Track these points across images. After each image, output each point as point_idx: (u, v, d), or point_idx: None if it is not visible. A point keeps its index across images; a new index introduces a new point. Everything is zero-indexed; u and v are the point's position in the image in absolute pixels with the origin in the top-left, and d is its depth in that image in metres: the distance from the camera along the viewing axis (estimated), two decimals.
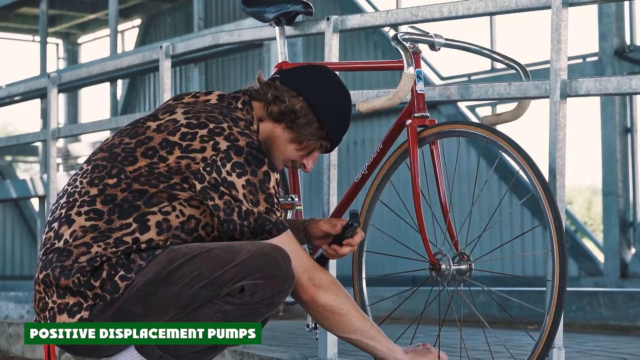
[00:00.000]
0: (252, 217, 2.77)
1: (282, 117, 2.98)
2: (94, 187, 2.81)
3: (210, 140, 2.79)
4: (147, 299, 2.73)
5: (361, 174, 3.60)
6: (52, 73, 6.19)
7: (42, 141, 7.53)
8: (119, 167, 2.81)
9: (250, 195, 2.76)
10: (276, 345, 4.68)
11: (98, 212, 2.77)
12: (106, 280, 2.72)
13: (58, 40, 23.56)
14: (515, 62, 3.54)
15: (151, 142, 2.83)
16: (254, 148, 2.79)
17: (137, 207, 2.77)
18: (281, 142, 3.01)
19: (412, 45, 3.40)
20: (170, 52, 5.07)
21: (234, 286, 2.71)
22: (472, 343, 4.53)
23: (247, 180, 2.76)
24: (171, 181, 2.78)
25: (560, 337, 3.22)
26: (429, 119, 3.39)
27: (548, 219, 3.00)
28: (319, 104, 3.00)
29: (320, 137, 3.03)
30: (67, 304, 2.74)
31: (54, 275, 2.74)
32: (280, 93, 2.99)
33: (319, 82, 3.05)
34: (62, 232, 2.78)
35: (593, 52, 12.52)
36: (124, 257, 2.74)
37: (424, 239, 3.29)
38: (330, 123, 3.03)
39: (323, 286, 2.84)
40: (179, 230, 2.79)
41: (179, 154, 2.79)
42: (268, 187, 2.79)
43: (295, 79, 3.05)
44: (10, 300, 8.34)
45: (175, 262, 2.73)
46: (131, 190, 2.78)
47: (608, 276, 11.71)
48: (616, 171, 11.89)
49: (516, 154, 3.11)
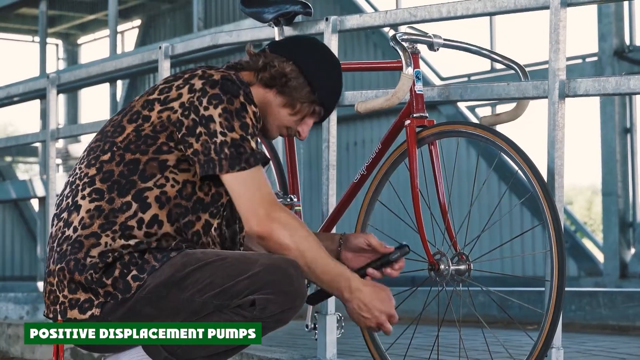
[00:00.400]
0: (226, 147, 2.74)
1: (273, 82, 2.97)
2: (91, 167, 2.82)
3: (185, 85, 2.81)
4: (159, 301, 2.73)
5: (360, 174, 3.60)
6: (51, 74, 6.20)
7: (41, 142, 7.54)
8: (110, 141, 2.83)
9: (226, 121, 2.75)
10: (275, 345, 4.68)
11: (99, 191, 2.78)
12: (118, 279, 2.72)
13: (58, 41, 23.60)
14: (514, 62, 3.55)
15: (134, 108, 2.87)
16: (229, 79, 2.80)
17: (134, 183, 2.77)
18: (274, 107, 2.99)
19: (411, 46, 3.40)
20: (170, 53, 5.07)
21: (245, 299, 2.71)
22: (471, 343, 4.53)
23: (224, 108, 2.76)
24: (158, 141, 2.78)
25: (559, 337, 3.22)
26: (427, 119, 3.40)
27: (547, 219, 3.01)
28: (308, 68, 2.99)
29: (313, 101, 3.00)
30: (79, 300, 2.74)
31: (69, 269, 2.74)
32: (270, 59, 2.98)
33: (308, 47, 3.05)
34: (72, 219, 2.79)
35: (593, 53, 12.53)
36: (137, 256, 2.74)
37: (423, 239, 3.29)
38: (321, 87, 3.00)
39: (280, 222, 2.76)
40: (178, 199, 2.78)
41: (159, 108, 2.81)
42: (244, 116, 2.78)
43: (284, 46, 3.05)
44: (10, 301, 8.33)
45: (188, 267, 2.73)
46: (125, 162, 2.79)
47: (608, 276, 11.72)
48: (616, 171, 11.90)
49: (515, 154, 3.11)
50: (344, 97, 4.02)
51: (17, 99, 15.28)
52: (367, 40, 14.98)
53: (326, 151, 4.00)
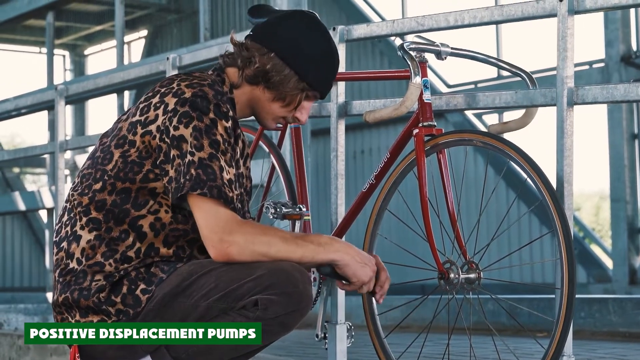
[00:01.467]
0: (193, 167, 2.67)
1: (257, 80, 2.89)
2: (84, 196, 2.80)
3: (161, 105, 2.75)
4: (166, 310, 2.73)
5: (369, 183, 3.60)
6: (59, 85, 6.21)
7: (49, 153, 7.54)
8: (101, 169, 2.80)
9: (195, 140, 2.68)
10: (285, 355, 4.68)
11: (95, 220, 2.77)
12: (127, 295, 2.72)
13: (65, 52, 23.62)
14: (521, 70, 3.54)
15: (121, 131, 2.81)
16: (198, 96, 2.72)
17: (127, 212, 2.75)
18: (264, 102, 2.93)
19: (419, 55, 3.40)
20: (177, 64, 5.08)
21: (248, 299, 2.69)
22: (481, 351, 4.53)
23: (194, 127, 2.69)
24: (144, 169, 2.74)
25: (570, 345, 3.21)
26: (436, 128, 3.40)
27: (556, 227, 3.00)
28: (292, 56, 2.88)
29: (303, 89, 2.91)
30: (92, 323, 2.74)
31: (73, 298, 2.74)
32: (251, 53, 2.89)
33: (289, 30, 2.92)
34: (72, 250, 2.78)
35: (599, 59, 12.53)
36: (143, 271, 2.75)
37: (432, 248, 3.29)
38: (309, 72, 2.90)
39: (235, 244, 2.68)
40: (173, 224, 2.77)
41: (141, 131, 2.76)
42: (215, 133, 2.70)
43: (267, 33, 2.92)
44: (20, 313, 8.33)
45: (194, 275, 2.72)
46: (116, 191, 2.76)
47: (617, 282, 11.70)
48: (624, 177, 11.89)
49: (524, 162, 3.11)
50: (351, 107, 4.02)
51: (25, 111, 15.30)
52: (374, 48, 14.98)
53: (334, 161, 4.00)
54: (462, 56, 3.57)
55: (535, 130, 22.37)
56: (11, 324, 8.14)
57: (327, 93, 3.01)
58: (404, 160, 3.48)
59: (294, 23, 2.95)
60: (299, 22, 2.95)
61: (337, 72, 3.01)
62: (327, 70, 2.96)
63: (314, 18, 3.00)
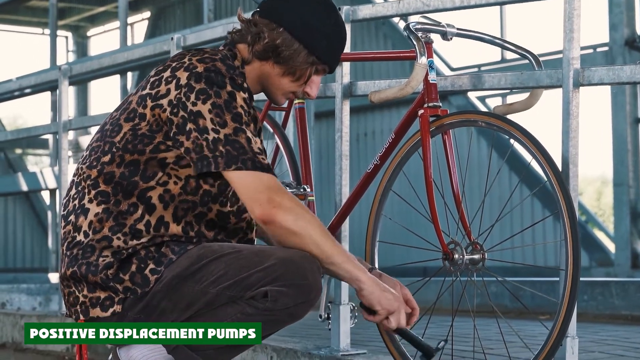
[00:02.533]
0: (221, 145, 2.66)
1: (267, 55, 2.86)
2: (93, 169, 2.79)
3: (172, 80, 2.73)
4: (174, 293, 2.72)
5: (373, 164, 3.59)
6: (63, 65, 6.20)
7: (53, 133, 7.54)
8: (109, 142, 2.78)
9: (217, 117, 2.67)
10: (289, 336, 4.68)
11: (104, 193, 2.76)
12: (136, 274, 2.71)
13: (67, 33, 23.61)
14: (527, 51, 3.53)
15: (131, 105, 2.80)
16: (212, 71, 2.71)
17: (136, 184, 2.74)
18: (274, 77, 2.90)
19: (424, 35, 3.39)
20: (182, 44, 5.07)
21: (257, 290, 2.68)
22: (484, 333, 4.53)
23: (213, 103, 2.68)
24: (154, 141, 2.73)
25: (574, 326, 3.21)
26: (441, 108, 3.39)
27: (561, 207, 3.00)
28: (301, 30, 2.85)
29: (312, 62, 2.89)
30: (99, 298, 2.73)
31: (81, 273, 2.73)
32: (260, 29, 2.86)
33: (297, 4, 2.88)
34: (80, 223, 2.77)
35: (604, 42, 12.50)
36: (153, 250, 2.73)
37: (437, 229, 3.28)
38: (319, 46, 2.88)
39: (282, 207, 2.66)
40: (182, 195, 2.75)
41: (151, 104, 2.74)
42: (235, 106, 2.69)
43: (272, 7, 2.89)
44: (23, 293, 8.35)
45: (204, 260, 2.71)
46: (125, 163, 2.75)
47: (619, 266, 11.70)
48: (627, 161, 11.88)
49: (529, 143, 3.10)
50: (356, 88, 4.01)
51: (28, 91, 15.28)
52: (377, 31, 14.96)
53: (339, 141, 4.00)
54: (468, 37, 3.56)
55: (540, 113, 22.24)
56: (14, 304, 8.16)
57: (335, 67, 2.99)
58: (408, 140, 3.48)
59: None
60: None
61: (344, 46, 2.99)
62: (335, 43, 2.94)
63: None
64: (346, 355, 3.79)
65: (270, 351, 4.07)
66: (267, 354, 4.08)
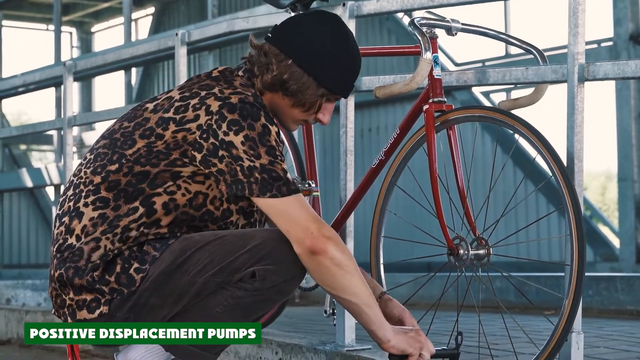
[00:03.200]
0: (257, 172, 2.67)
1: (275, 87, 2.85)
2: (97, 175, 2.78)
3: (202, 107, 2.73)
4: (162, 289, 2.72)
5: (378, 159, 3.59)
6: (67, 61, 6.20)
7: (58, 129, 7.53)
8: (119, 152, 2.78)
9: (251, 150, 2.67)
10: (294, 331, 4.69)
11: (104, 199, 2.75)
12: (121, 274, 2.71)
13: (72, 29, 23.61)
14: (532, 47, 3.53)
15: (148, 123, 2.79)
16: (247, 103, 2.71)
17: (142, 190, 2.74)
18: (285, 108, 2.90)
19: (429, 30, 3.39)
20: (186, 39, 5.07)
21: (245, 272, 2.70)
22: (489, 328, 4.53)
23: (246, 136, 2.68)
24: (171, 157, 2.73)
25: (579, 321, 3.21)
26: (446, 104, 3.39)
27: (566, 202, 3.00)
28: (310, 62, 2.83)
29: (322, 94, 2.87)
30: (85, 300, 2.73)
31: (67, 276, 2.74)
32: (269, 60, 2.85)
33: (308, 33, 2.84)
34: (73, 226, 2.77)
35: (608, 37, 12.48)
36: (136, 249, 2.74)
37: (442, 224, 3.28)
38: (329, 79, 2.85)
39: (333, 239, 2.68)
40: (187, 207, 2.76)
41: (174, 128, 2.74)
42: (269, 140, 2.70)
43: (282, 36, 2.86)
44: (27, 289, 8.35)
45: (188, 251, 2.72)
46: (133, 173, 2.75)
47: (624, 261, 11.68)
48: (632, 156, 11.85)
49: (534, 138, 3.10)
50: (360, 83, 4.01)
51: (32, 87, 15.29)
52: (382, 26, 14.94)
53: (344, 137, 3.99)
54: (473, 32, 3.56)
55: (545, 108, 22.24)
56: (19, 300, 8.16)
57: (348, 95, 2.96)
58: (413, 136, 3.48)
59: (314, 25, 2.88)
60: (318, 24, 2.88)
61: (358, 74, 2.96)
62: (347, 74, 2.91)
63: (335, 19, 2.93)
64: (351, 351, 3.79)
65: (275, 346, 4.07)
66: (272, 349, 4.09)
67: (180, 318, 2.77)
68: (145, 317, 2.74)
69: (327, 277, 2.71)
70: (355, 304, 2.74)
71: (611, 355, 4.02)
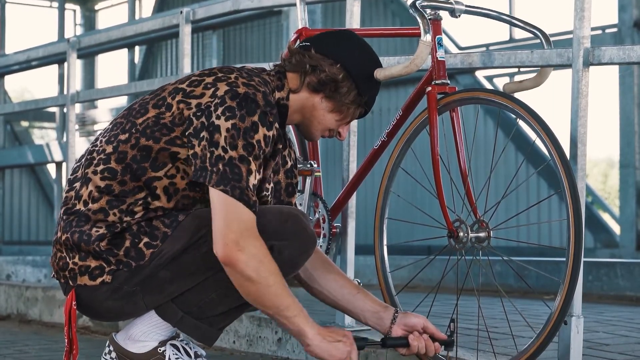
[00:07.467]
0: (222, 163, 2.67)
1: (322, 87, 2.91)
2: (109, 144, 2.82)
3: (212, 87, 2.77)
4: (177, 265, 2.76)
5: (381, 140, 3.59)
6: (71, 38, 6.19)
7: (60, 106, 7.53)
8: (132, 121, 2.82)
9: (231, 139, 2.67)
10: None
11: (112, 171, 2.78)
12: (130, 248, 2.75)
13: (75, 7, 23.55)
14: (537, 29, 3.51)
15: (163, 92, 2.85)
16: (250, 97, 2.72)
17: (145, 170, 2.77)
18: (320, 111, 2.95)
19: (433, 12, 3.37)
20: (191, 18, 5.07)
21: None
22: (488, 312, 4.54)
23: (233, 125, 2.69)
24: (172, 134, 2.76)
25: (579, 305, 3.22)
26: (449, 86, 3.38)
27: (564, 186, 2.99)
28: (356, 71, 2.94)
29: (359, 104, 2.98)
30: (89, 267, 2.76)
31: (74, 241, 2.77)
32: (317, 62, 2.91)
33: (353, 48, 2.98)
34: (82, 192, 2.81)
35: (612, 24, 12.46)
36: (144, 225, 2.76)
37: (443, 206, 3.28)
38: (368, 89, 2.98)
39: (248, 252, 2.65)
40: (186, 191, 2.79)
41: (179, 98, 2.78)
42: (252, 137, 2.69)
43: (329, 45, 2.96)
44: (28, 265, 8.38)
45: (203, 229, 2.75)
46: (139, 147, 2.77)
47: (624, 248, 11.70)
48: (634, 143, 11.86)
49: (533, 121, 3.09)
50: None
51: (35, 64, 15.27)
52: (386, 9, 14.92)
53: None
54: (477, 14, 3.54)
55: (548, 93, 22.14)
56: (19, 276, 8.19)
57: (368, 112, 3.08)
58: (417, 118, 3.47)
59: (352, 40, 3.01)
60: (356, 44, 3.01)
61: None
62: (377, 90, 3.05)
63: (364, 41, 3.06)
64: (351, 331, 3.80)
65: (275, 326, 4.08)
66: (272, 328, 4.09)
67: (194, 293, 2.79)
68: (153, 291, 2.77)
69: (239, 287, 2.72)
70: (271, 315, 2.77)
71: (610, 340, 4.02)
